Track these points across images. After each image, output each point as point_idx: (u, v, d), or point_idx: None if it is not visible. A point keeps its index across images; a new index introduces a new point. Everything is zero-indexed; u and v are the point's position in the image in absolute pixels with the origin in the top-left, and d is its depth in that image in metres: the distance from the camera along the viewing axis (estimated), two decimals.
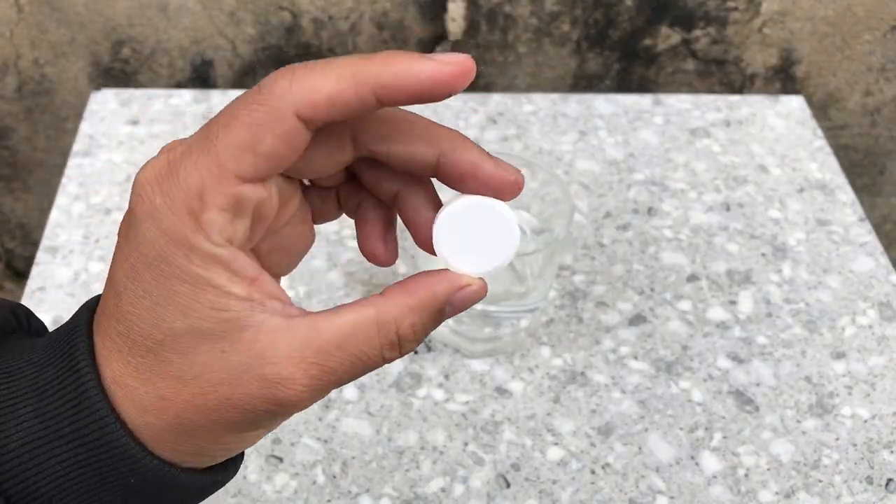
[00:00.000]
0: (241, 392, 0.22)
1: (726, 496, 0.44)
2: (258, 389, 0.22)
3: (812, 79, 0.74)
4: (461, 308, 0.24)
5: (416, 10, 0.68)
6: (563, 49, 0.71)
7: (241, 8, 0.67)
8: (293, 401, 0.22)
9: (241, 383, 0.22)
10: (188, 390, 0.22)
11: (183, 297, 0.21)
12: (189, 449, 0.23)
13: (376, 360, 0.23)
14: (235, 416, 0.22)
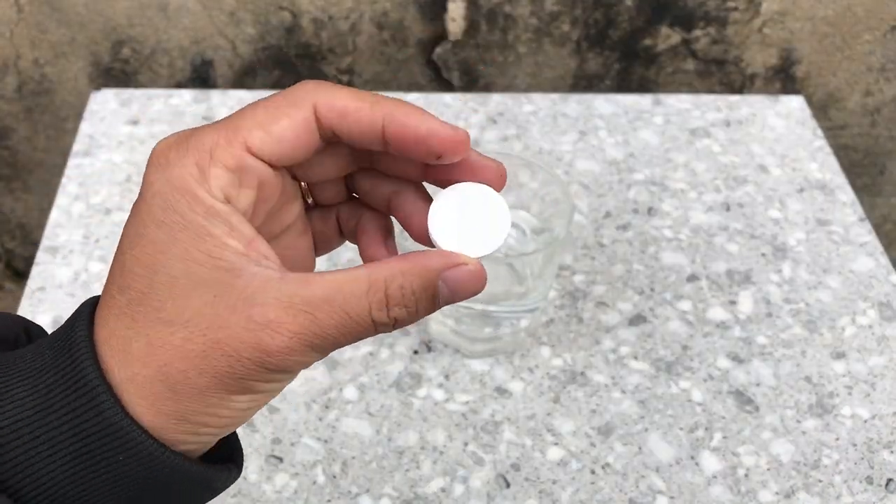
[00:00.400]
0: (228, 334, 0.22)
1: (726, 496, 0.44)
2: (245, 332, 0.22)
3: (812, 79, 0.74)
4: (457, 290, 0.24)
5: (416, 10, 0.68)
6: (563, 49, 0.71)
7: (241, 8, 0.67)
8: (280, 349, 0.22)
9: (229, 325, 0.22)
10: (177, 335, 0.22)
11: (182, 244, 0.22)
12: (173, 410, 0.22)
13: (365, 319, 0.23)
14: (222, 366, 0.22)
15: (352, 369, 0.49)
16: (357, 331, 0.23)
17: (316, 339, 0.22)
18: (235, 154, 0.23)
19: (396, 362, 0.49)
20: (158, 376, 0.22)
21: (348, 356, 0.49)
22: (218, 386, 0.22)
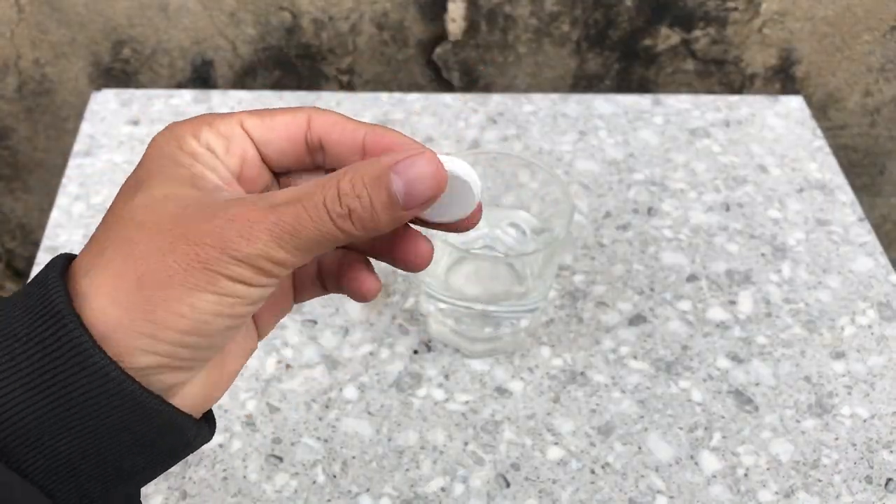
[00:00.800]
0: (195, 228, 0.23)
1: (726, 496, 0.44)
2: (211, 225, 0.23)
3: (812, 79, 0.74)
4: (412, 180, 0.24)
5: (416, 10, 0.68)
6: (562, 49, 0.71)
7: (242, 8, 0.67)
8: (241, 234, 0.23)
9: (197, 219, 0.23)
10: (146, 232, 0.23)
11: (167, 171, 0.24)
12: (134, 302, 0.22)
13: (320, 210, 0.23)
14: (187, 255, 0.22)
15: (352, 369, 0.49)
16: (315, 223, 0.23)
17: (276, 228, 0.23)
18: (228, 124, 0.26)
19: (396, 362, 0.49)
20: (125, 269, 0.22)
21: (348, 356, 0.49)
22: (182, 277, 0.22)
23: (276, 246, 0.23)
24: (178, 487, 0.43)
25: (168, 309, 0.22)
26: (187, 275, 0.22)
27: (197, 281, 0.22)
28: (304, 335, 0.50)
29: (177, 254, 0.22)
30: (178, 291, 0.22)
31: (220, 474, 0.44)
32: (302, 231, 0.23)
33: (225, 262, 0.23)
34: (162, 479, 0.44)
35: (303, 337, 0.50)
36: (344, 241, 0.24)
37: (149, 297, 0.22)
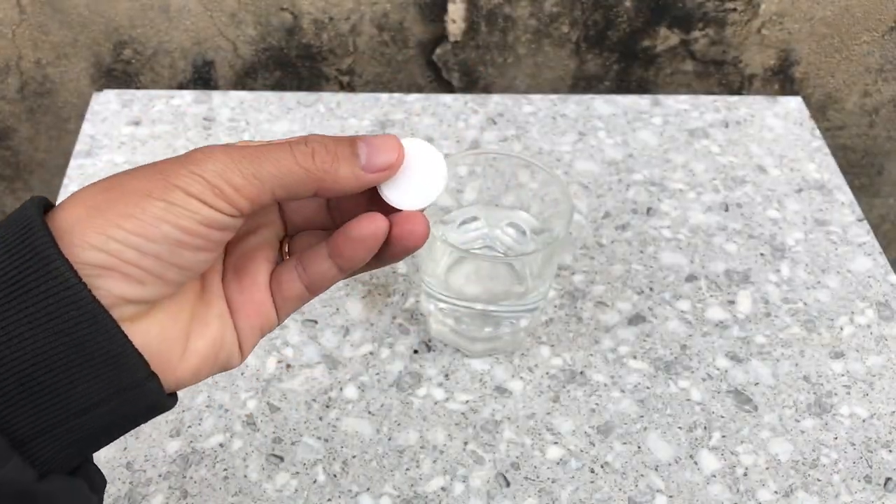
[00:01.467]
0: (168, 167, 0.24)
1: (725, 495, 0.44)
2: (182, 165, 0.24)
3: (810, 80, 0.75)
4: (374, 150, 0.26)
5: (417, 11, 0.68)
6: (562, 50, 0.71)
7: (242, 9, 0.67)
8: (206, 156, 0.24)
9: (169, 164, 0.25)
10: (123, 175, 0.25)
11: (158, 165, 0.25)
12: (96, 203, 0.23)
13: (284, 151, 0.25)
14: (152, 174, 0.24)
15: (352, 369, 0.49)
16: (276, 157, 0.25)
17: (237, 155, 0.25)
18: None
19: (396, 362, 0.49)
20: (98, 186, 0.24)
21: (348, 356, 0.50)
22: (141, 185, 0.24)
23: (235, 169, 0.24)
24: (179, 487, 0.44)
25: (122, 209, 0.23)
26: (147, 184, 0.24)
27: (153, 189, 0.24)
28: (304, 335, 0.51)
29: (145, 170, 0.25)
30: (135, 197, 0.24)
31: (221, 474, 0.44)
32: (265, 160, 0.25)
33: (183, 174, 0.24)
34: (163, 479, 0.44)
35: (303, 336, 0.51)
36: (301, 184, 0.25)
37: (108, 199, 0.23)
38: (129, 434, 0.46)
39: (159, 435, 0.46)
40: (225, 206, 0.24)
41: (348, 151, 0.26)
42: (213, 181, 0.24)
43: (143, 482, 0.44)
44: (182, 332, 0.26)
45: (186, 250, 0.24)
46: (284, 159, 0.25)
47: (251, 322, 0.28)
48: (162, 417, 0.46)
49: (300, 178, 0.25)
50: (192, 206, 0.24)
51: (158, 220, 0.23)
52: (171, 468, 0.44)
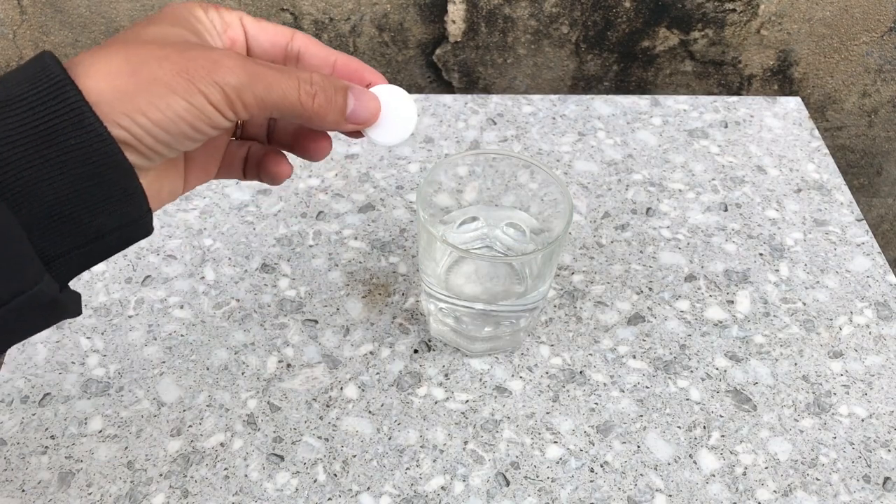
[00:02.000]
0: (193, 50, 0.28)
1: (724, 494, 0.44)
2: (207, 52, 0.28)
3: (809, 80, 0.75)
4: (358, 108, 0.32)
5: (417, 11, 0.68)
6: (561, 51, 0.71)
7: (243, 10, 0.67)
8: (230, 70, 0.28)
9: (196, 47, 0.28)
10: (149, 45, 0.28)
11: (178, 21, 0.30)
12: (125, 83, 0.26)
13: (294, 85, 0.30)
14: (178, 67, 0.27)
15: (352, 368, 0.49)
16: (286, 89, 0.29)
17: (256, 76, 0.28)
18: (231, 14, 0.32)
19: (397, 361, 0.50)
20: (122, 63, 0.27)
21: (349, 355, 0.50)
22: (169, 79, 0.27)
23: (250, 88, 0.28)
24: (180, 486, 0.44)
25: (149, 99, 0.27)
26: (173, 79, 0.27)
27: (178, 86, 0.27)
28: (304, 334, 0.51)
29: (170, 61, 0.27)
30: (162, 89, 0.27)
31: (222, 473, 0.44)
32: (275, 88, 0.29)
33: (207, 81, 0.27)
34: (163, 479, 0.44)
35: (303, 336, 0.51)
36: (296, 115, 0.30)
37: (136, 84, 0.26)
38: (130, 433, 0.46)
39: (160, 434, 0.46)
40: (231, 115, 0.29)
41: (341, 101, 0.31)
42: (230, 95, 0.28)
43: (144, 481, 0.44)
44: (158, 183, 0.31)
45: (188, 140, 0.29)
46: (291, 93, 0.29)
47: (200, 169, 0.35)
48: (163, 418, 0.47)
49: (297, 111, 0.30)
50: (207, 111, 0.28)
51: (179, 117, 0.27)
52: (172, 467, 0.44)
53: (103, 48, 0.27)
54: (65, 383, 0.48)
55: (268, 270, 0.54)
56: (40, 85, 0.25)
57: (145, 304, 0.52)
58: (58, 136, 0.25)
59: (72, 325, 0.51)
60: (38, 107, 0.25)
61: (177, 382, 0.48)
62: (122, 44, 0.28)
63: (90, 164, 0.26)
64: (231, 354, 0.50)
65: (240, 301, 0.52)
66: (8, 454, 0.45)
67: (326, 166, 0.61)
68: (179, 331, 0.51)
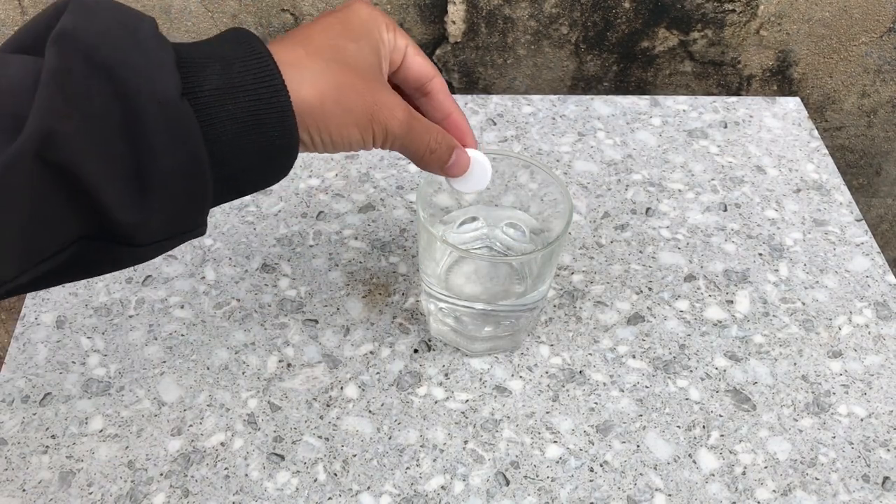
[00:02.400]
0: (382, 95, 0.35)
1: (724, 494, 0.44)
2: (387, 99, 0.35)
3: (809, 80, 0.75)
4: (454, 165, 0.40)
5: (417, 12, 0.68)
6: (561, 51, 0.71)
7: (244, 10, 0.68)
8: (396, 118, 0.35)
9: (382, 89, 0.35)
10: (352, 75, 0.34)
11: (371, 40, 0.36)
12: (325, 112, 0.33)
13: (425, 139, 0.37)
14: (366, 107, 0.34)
15: (352, 368, 0.49)
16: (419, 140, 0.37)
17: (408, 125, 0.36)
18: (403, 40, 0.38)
19: (397, 361, 0.50)
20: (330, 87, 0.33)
21: (349, 355, 0.50)
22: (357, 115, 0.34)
23: (401, 139, 0.36)
24: (181, 486, 0.44)
25: (337, 124, 0.34)
26: (361, 117, 0.34)
27: (361, 123, 0.34)
28: (305, 334, 0.51)
29: (363, 102, 0.34)
30: (350, 120, 0.34)
31: (222, 472, 0.44)
32: (415, 140, 0.37)
33: (380, 125, 0.35)
34: (164, 478, 0.44)
35: (304, 336, 0.51)
36: (412, 157, 0.38)
37: (334, 110, 0.33)
38: (130, 433, 0.46)
39: (160, 434, 0.46)
40: (377, 148, 0.39)
41: (446, 157, 0.39)
42: (388, 139, 0.35)
43: (145, 481, 0.44)
44: None
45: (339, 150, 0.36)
46: (420, 149, 0.37)
47: None
48: (164, 417, 0.47)
49: (416, 155, 0.38)
50: (368, 142, 0.35)
51: (349, 142, 0.34)
52: (173, 467, 0.45)
53: (314, 62, 0.33)
54: (65, 383, 0.48)
55: (268, 270, 0.54)
56: (262, 82, 0.30)
57: (146, 303, 0.52)
58: (265, 127, 0.31)
59: (72, 325, 0.51)
60: (257, 102, 0.30)
61: (177, 382, 0.48)
62: (330, 62, 0.33)
63: (278, 153, 0.32)
64: (231, 354, 0.50)
65: (240, 301, 0.53)
66: (9, 454, 0.45)
67: (326, 166, 0.61)
68: (180, 330, 0.51)
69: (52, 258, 0.28)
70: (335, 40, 0.34)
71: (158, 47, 0.29)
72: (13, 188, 0.25)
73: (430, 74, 0.39)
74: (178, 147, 0.28)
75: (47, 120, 0.25)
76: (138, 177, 0.28)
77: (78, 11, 0.28)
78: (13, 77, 0.26)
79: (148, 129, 0.28)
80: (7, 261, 0.27)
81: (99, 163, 0.27)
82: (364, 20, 0.36)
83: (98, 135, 0.27)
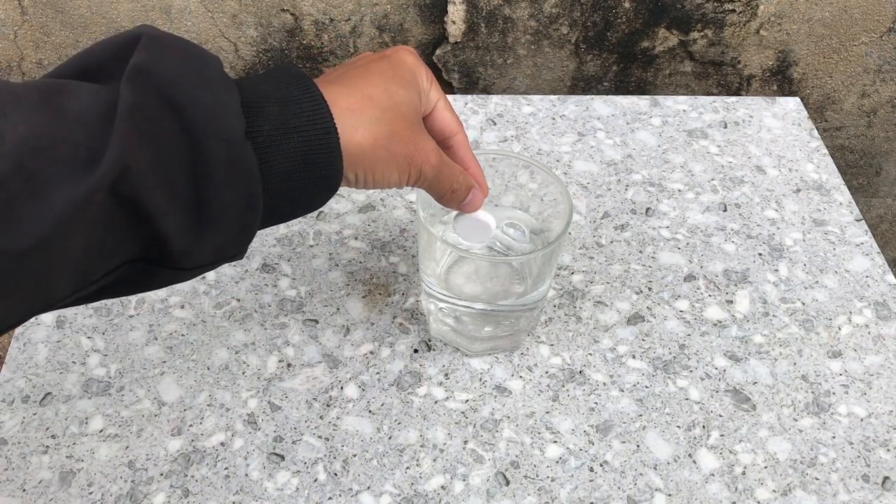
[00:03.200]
0: (423, 142, 0.37)
1: (723, 494, 0.44)
2: (426, 145, 0.37)
3: (809, 80, 0.75)
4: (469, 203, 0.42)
5: (417, 12, 0.68)
6: (561, 51, 0.71)
7: (244, 10, 0.68)
8: (430, 163, 0.37)
9: (423, 136, 0.37)
10: (401, 122, 0.36)
11: (414, 87, 0.38)
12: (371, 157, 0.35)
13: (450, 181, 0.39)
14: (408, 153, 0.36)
15: (353, 368, 0.49)
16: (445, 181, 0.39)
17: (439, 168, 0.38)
18: (436, 95, 0.40)
19: (397, 361, 0.50)
20: (381, 136, 0.35)
21: (349, 355, 0.50)
22: (399, 162, 0.36)
23: (432, 179, 0.38)
24: (181, 486, 0.44)
25: (381, 167, 0.36)
26: (402, 161, 0.36)
27: (401, 166, 0.36)
28: (305, 334, 0.51)
29: (406, 148, 0.36)
30: (393, 164, 0.36)
31: (222, 472, 0.44)
32: (442, 181, 0.39)
33: (417, 168, 0.37)
34: (164, 478, 0.44)
35: (304, 336, 0.51)
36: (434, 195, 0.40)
37: (383, 155, 0.35)
38: (130, 433, 0.46)
39: (161, 434, 0.46)
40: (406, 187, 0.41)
41: (463, 196, 0.41)
42: (420, 180, 0.38)
43: (145, 481, 0.44)
44: None
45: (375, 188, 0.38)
46: (443, 190, 0.39)
47: None
48: (164, 417, 0.47)
49: (438, 195, 0.40)
50: (403, 184, 0.37)
51: (388, 182, 0.37)
52: (173, 467, 0.45)
53: (371, 108, 0.35)
54: (66, 383, 0.48)
55: (268, 270, 0.55)
56: (315, 123, 0.33)
57: (146, 303, 0.52)
58: (314, 166, 0.33)
59: (73, 325, 0.51)
60: (309, 142, 0.32)
61: (177, 382, 0.48)
62: (386, 109, 0.35)
63: (323, 188, 0.34)
64: (231, 354, 0.50)
65: (240, 301, 0.53)
66: (9, 454, 0.45)
67: None
68: (180, 330, 0.51)
69: (102, 279, 0.29)
70: (388, 85, 0.36)
71: (225, 88, 0.30)
72: (87, 219, 0.26)
73: (455, 130, 0.41)
74: (240, 183, 0.30)
75: (124, 155, 0.26)
76: (198, 209, 0.30)
77: (152, 48, 0.29)
78: (84, 107, 0.27)
79: (212, 165, 0.29)
80: (65, 283, 0.27)
81: (164, 195, 0.28)
82: (411, 68, 0.38)
83: (165, 169, 0.28)
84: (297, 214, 0.35)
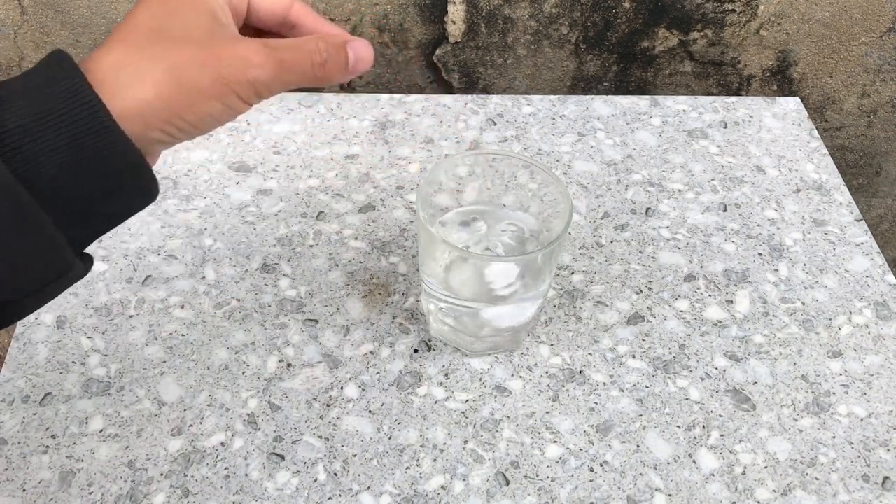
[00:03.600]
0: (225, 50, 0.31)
1: (723, 494, 0.44)
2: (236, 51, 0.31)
3: (809, 80, 0.75)
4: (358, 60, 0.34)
5: (417, 12, 0.68)
6: (561, 51, 0.71)
7: None
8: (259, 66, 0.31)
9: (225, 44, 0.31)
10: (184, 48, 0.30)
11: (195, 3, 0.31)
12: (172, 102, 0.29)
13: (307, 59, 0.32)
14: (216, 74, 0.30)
15: (352, 368, 0.49)
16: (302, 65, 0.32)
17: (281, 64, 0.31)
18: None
19: (397, 361, 0.50)
20: (167, 76, 0.29)
21: (349, 355, 0.50)
22: (208, 87, 0.30)
23: (276, 77, 0.31)
24: (181, 486, 0.44)
25: (189, 105, 0.30)
26: (212, 86, 0.30)
27: (215, 92, 0.30)
28: (305, 334, 0.51)
29: (209, 70, 0.30)
30: (202, 96, 0.30)
31: (222, 472, 0.44)
32: (294, 69, 0.32)
33: (241, 82, 0.30)
34: (164, 478, 0.44)
35: (304, 336, 0.51)
36: (309, 82, 0.33)
37: (180, 94, 0.29)
38: (130, 433, 0.46)
39: (161, 434, 0.46)
40: (256, 102, 0.32)
41: (343, 59, 0.34)
42: (259, 89, 0.31)
43: (145, 481, 0.44)
44: None
45: (213, 128, 0.32)
46: (306, 70, 0.33)
47: None
48: (164, 417, 0.47)
49: (309, 80, 0.33)
50: (237, 106, 0.31)
51: (213, 118, 0.31)
52: (173, 467, 0.45)
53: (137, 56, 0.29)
54: (66, 383, 0.48)
55: (268, 270, 0.55)
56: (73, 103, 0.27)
57: (146, 303, 0.52)
58: (90, 151, 0.28)
59: (73, 325, 0.51)
60: (72, 126, 0.27)
61: (177, 382, 0.48)
62: (155, 46, 0.30)
63: (123, 173, 0.29)
64: (231, 354, 0.50)
65: (240, 301, 0.53)
66: (9, 454, 0.45)
67: (326, 166, 0.62)
68: (180, 330, 0.51)
69: None
70: (156, 21, 0.31)
71: None
72: None
73: (286, 3, 0.36)
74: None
75: None
76: None
77: None
78: None
79: None
80: None
81: None
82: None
83: None
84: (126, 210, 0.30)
